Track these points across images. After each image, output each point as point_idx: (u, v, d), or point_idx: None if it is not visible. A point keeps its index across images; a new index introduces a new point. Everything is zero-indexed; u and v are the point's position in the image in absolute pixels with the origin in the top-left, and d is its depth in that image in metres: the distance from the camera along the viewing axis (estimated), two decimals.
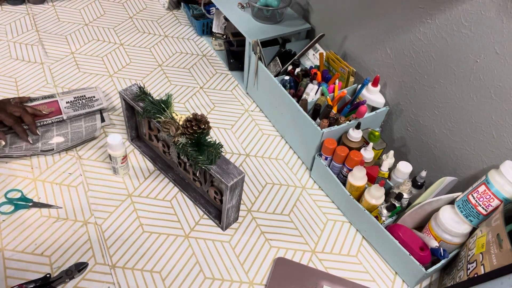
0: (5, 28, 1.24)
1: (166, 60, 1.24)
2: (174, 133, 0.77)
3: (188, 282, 0.77)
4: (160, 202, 0.88)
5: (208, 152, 0.74)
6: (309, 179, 0.98)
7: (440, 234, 0.78)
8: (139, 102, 0.84)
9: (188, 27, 1.38)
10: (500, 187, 0.70)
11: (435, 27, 0.82)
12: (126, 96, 0.85)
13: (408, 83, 0.93)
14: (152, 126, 0.90)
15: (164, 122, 0.78)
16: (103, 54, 1.22)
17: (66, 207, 0.84)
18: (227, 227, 0.85)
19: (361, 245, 0.87)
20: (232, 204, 0.80)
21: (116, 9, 1.40)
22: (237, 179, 0.74)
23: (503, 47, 0.71)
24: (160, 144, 0.90)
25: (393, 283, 0.81)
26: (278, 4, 1.11)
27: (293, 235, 0.87)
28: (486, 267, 0.66)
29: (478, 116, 0.80)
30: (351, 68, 1.00)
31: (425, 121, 0.92)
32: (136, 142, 0.98)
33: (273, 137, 1.07)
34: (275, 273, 0.79)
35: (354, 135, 0.89)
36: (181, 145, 0.76)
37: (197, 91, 1.16)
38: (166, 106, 0.80)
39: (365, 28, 1.00)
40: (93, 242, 0.80)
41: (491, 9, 0.71)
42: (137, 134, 0.98)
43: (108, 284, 0.74)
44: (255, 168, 0.98)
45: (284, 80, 1.02)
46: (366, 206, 0.84)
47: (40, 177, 0.89)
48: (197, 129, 0.73)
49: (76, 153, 0.94)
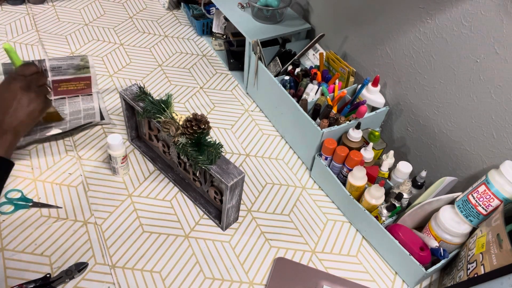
0: (5, 28, 1.24)
1: (166, 60, 1.24)
2: (174, 133, 0.77)
3: (188, 282, 0.77)
4: (160, 202, 0.88)
5: (208, 152, 0.74)
6: (309, 179, 0.98)
7: (440, 234, 0.78)
8: (139, 102, 0.84)
9: (188, 27, 1.38)
10: (500, 187, 0.70)
11: (435, 27, 0.82)
12: (126, 96, 0.85)
13: (408, 83, 0.93)
14: (152, 126, 0.90)
15: (164, 122, 0.78)
16: (103, 54, 1.22)
17: (66, 207, 0.84)
18: (227, 227, 0.85)
19: (361, 245, 0.87)
20: (232, 204, 0.80)
21: (116, 9, 1.40)
22: (237, 179, 0.74)
23: (503, 47, 0.71)
24: (160, 144, 0.90)
25: (393, 283, 0.81)
26: (278, 4, 1.11)
27: (293, 235, 0.87)
28: (486, 267, 0.66)
29: (478, 116, 0.80)
30: (351, 68, 1.00)
31: (425, 121, 0.92)
32: (136, 142, 0.98)
33: (273, 137, 1.07)
34: (275, 273, 0.79)
35: (354, 135, 0.89)
36: (181, 145, 0.76)
37: (197, 91, 1.16)
38: (166, 106, 0.80)
39: (365, 28, 1.00)
40: (93, 242, 0.80)
41: (491, 9, 0.71)
42: (137, 134, 0.98)
43: (108, 284, 0.74)
44: (255, 168, 0.98)
45: (284, 80, 1.02)
46: (366, 206, 0.84)
47: (40, 177, 0.89)
48: (197, 129, 0.73)
49: (76, 153, 0.94)
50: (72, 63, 0.92)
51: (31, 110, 0.68)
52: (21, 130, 0.68)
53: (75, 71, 0.93)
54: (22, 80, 0.69)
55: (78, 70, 0.94)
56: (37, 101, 0.69)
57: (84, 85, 0.95)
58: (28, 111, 0.68)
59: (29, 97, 0.68)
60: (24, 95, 0.68)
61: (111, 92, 1.10)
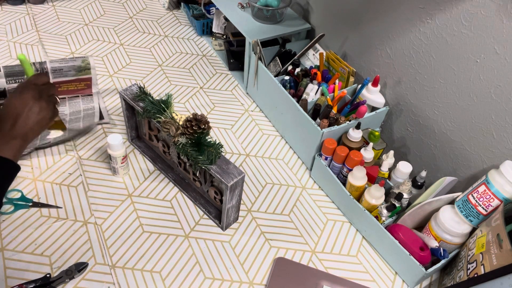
0: (5, 28, 1.24)
1: (166, 60, 1.24)
2: (174, 133, 0.77)
3: (188, 282, 0.77)
4: (160, 202, 0.88)
5: (208, 152, 0.74)
6: (309, 179, 0.98)
7: (440, 234, 0.78)
8: (139, 102, 0.84)
9: (188, 27, 1.38)
10: (500, 187, 0.70)
11: (435, 27, 0.82)
12: (126, 96, 0.85)
13: (408, 83, 0.93)
14: (152, 126, 0.90)
15: (164, 122, 0.78)
16: (103, 54, 1.22)
17: (66, 207, 0.84)
18: (227, 227, 0.85)
19: (361, 245, 0.87)
20: (232, 204, 0.80)
21: (116, 9, 1.40)
22: (237, 179, 0.74)
23: (503, 47, 0.71)
24: (160, 144, 0.90)
25: (393, 283, 0.81)
26: (278, 4, 1.11)
27: (293, 235, 0.87)
28: (486, 267, 0.66)
29: (478, 116, 0.80)
30: (351, 68, 1.00)
31: (425, 121, 0.92)
32: (136, 142, 0.98)
33: (273, 137, 1.07)
34: (275, 273, 0.79)
35: (354, 135, 0.89)
36: (181, 145, 0.76)
37: (197, 91, 1.16)
38: (166, 106, 0.80)
39: (365, 28, 1.00)
40: (93, 242, 0.80)
41: (491, 9, 0.71)
42: (137, 134, 0.98)
43: (108, 284, 0.74)
44: (255, 168, 0.98)
45: (284, 80, 1.02)
46: (366, 206, 0.84)
47: (40, 177, 0.89)
48: (197, 129, 0.73)
49: (76, 153, 0.94)
50: (73, 65, 0.92)
51: (40, 118, 0.71)
52: (30, 137, 0.71)
53: (76, 72, 0.93)
54: (34, 89, 0.72)
55: (79, 71, 0.94)
56: (47, 110, 0.72)
57: (84, 86, 0.95)
58: (38, 119, 0.71)
59: (40, 105, 0.71)
60: (35, 103, 0.71)
61: (111, 92, 1.10)
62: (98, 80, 1.13)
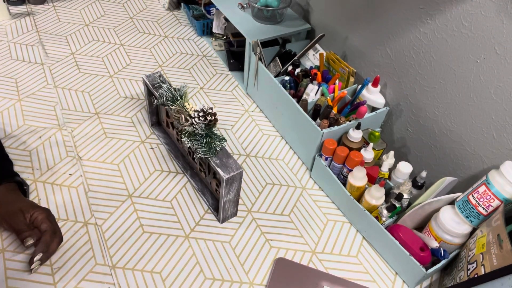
0: (5, 29, 1.24)
1: (166, 60, 1.24)
2: (183, 122, 0.79)
3: (189, 283, 0.77)
4: (160, 203, 0.88)
5: (211, 143, 0.76)
6: (309, 180, 0.98)
7: (440, 235, 0.78)
8: (158, 89, 0.88)
9: (188, 27, 1.38)
10: (501, 187, 0.70)
11: (435, 27, 0.82)
12: (148, 82, 0.89)
13: (408, 83, 0.93)
14: (169, 114, 0.92)
15: (176, 110, 0.81)
16: (104, 55, 1.22)
17: (66, 208, 0.84)
18: (224, 220, 0.86)
19: (361, 245, 0.87)
20: (229, 198, 0.81)
21: (116, 9, 1.40)
22: (234, 173, 0.75)
23: (503, 47, 0.71)
24: (175, 131, 0.94)
25: (393, 284, 0.81)
26: (278, 4, 1.11)
27: (293, 235, 0.87)
28: (487, 267, 0.66)
29: (478, 116, 0.80)
30: (351, 68, 1.00)
31: (425, 121, 0.92)
32: (156, 128, 1.03)
33: (273, 137, 1.07)
34: (275, 273, 0.79)
35: (354, 135, 0.89)
36: (187, 133, 0.78)
37: (197, 91, 1.16)
38: (180, 95, 0.83)
39: (365, 28, 1.00)
40: (93, 243, 0.80)
41: (491, 9, 0.71)
42: (158, 120, 1.03)
43: (109, 285, 0.74)
44: (255, 168, 0.98)
45: (284, 80, 1.02)
46: (366, 206, 0.84)
47: (41, 178, 0.89)
48: (203, 120, 0.76)
49: (76, 154, 0.95)
50: None
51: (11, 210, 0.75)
52: None
53: None
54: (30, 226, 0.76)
55: None
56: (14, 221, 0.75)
57: None
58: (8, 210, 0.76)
59: None
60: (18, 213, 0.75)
61: (112, 93, 1.10)
62: (98, 81, 1.13)
